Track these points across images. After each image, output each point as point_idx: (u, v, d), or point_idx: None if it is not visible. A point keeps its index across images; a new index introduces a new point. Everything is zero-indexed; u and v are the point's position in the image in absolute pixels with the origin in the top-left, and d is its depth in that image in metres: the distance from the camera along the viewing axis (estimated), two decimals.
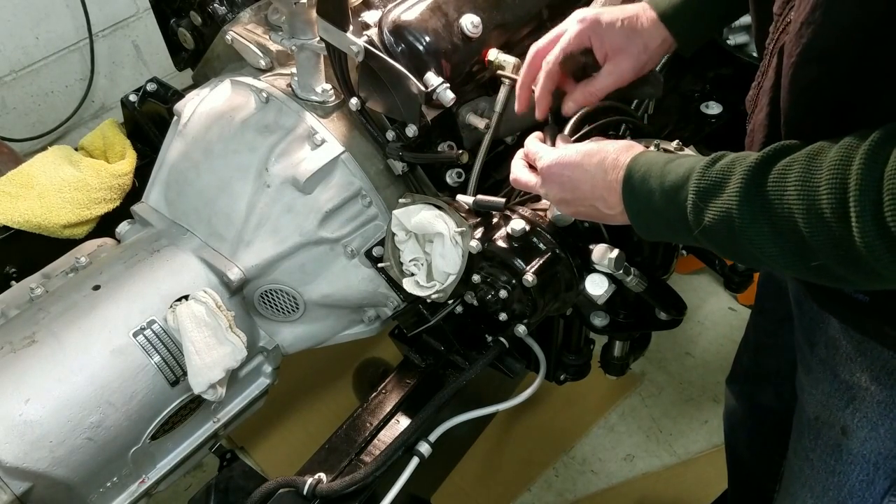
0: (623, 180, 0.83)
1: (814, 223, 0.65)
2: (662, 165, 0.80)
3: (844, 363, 0.96)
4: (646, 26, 1.00)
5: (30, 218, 1.45)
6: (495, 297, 1.10)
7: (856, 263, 0.65)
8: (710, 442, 2.12)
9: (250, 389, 1.34)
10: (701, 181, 0.75)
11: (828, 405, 1.01)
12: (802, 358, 1.07)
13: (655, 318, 1.18)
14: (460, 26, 1.18)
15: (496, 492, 2.07)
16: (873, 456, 0.98)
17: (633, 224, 0.85)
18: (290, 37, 1.23)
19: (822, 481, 1.06)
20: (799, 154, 0.69)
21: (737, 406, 1.53)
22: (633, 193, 0.82)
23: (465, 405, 1.26)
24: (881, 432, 0.95)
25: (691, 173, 0.76)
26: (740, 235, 0.71)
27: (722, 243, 0.75)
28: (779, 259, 0.70)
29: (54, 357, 1.12)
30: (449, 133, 1.21)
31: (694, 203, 0.75)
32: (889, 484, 0.99)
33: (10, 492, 1.04)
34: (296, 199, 1.24)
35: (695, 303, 2.46)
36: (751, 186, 0.70)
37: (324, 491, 1.10)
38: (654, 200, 0.80)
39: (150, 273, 1.22)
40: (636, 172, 0.82)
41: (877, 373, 0.92)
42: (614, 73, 1.01)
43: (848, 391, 0.97)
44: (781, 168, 0.69)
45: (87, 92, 2.44)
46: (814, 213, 0.65)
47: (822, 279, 0.71)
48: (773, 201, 0.68)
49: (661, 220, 0.80)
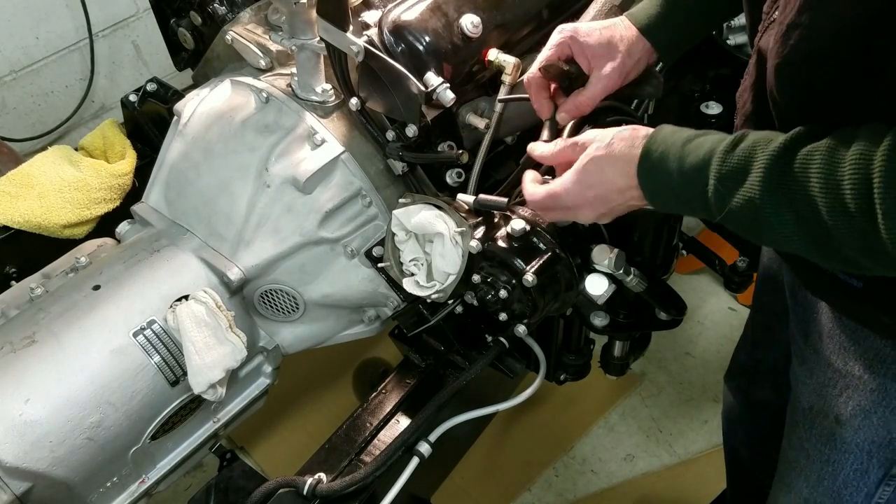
0: (640, 158, 0.82)
1: (838, 217, 0.66)
2: (681, 146, 0.79)
3: (838, 352, 0.97)
4: (626, 38, 1.02)
5: (30, 218, 1.45)
6: (495, 297, 1.10)
7: (880, 255, 0.66)
8: (710, 442, 2.12)
9: (250, 389, 1.34)
10: (723, 166, 0.75)
11: (822, 394, 1.02)
12: (797, 348, 1.08)
13: (655, 318, 1.18)
14: (460, 26, 1.18)
15: (496, 492, 2.07)
16: (867, 444, 0.99)
17: (648, 201, 0.85)
18: (290, 37, 1.23)
19: (817, 471, 1.07)
20: (820, 144, 0.69)
21: (734, 402, 1.54)
22: (650, 173, 0.82)
23: (465, 405, 1.27)
24: (874, 420, 0.96)
25: (712, 156, 0.76)
26: (763, 222, 0.73)
27: (744, 227, 0.76)
28: (802, 247, 0.72)
29: (54, 357, 1.12)
30: (449, 133, 1.21)
31: (715, 188, 0.75)
32: (883, 473, 0.99)
33: (10, 492, 1.04)
34: (296, 199, 1.24)
35: (695, 303, 2.46)
36: (773, 175, 0.71)
37: (324, 491, 1.11)
38: (673, 181, 0.79)
39: (150, 273, 1.22)
40: (654, 151, 0.81)
41: (869, 361, 0.93)
42: (601, 80, 1.02)
43: (841, 380, 0.98)
44: (803, 158, 0.69)
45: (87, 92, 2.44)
46: (838, 208, 0.66)
47: (846, 266, 0.73)
48: (797, 192, 0.69)
49: (680, 200, 0.81)
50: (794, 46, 0.72)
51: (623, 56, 1.01)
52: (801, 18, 0.71)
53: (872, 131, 0.66)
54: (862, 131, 0.67)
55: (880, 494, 1.02)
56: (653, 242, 1.14)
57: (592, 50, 1.01)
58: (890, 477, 1.00)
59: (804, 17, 0.71)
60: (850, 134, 0.67)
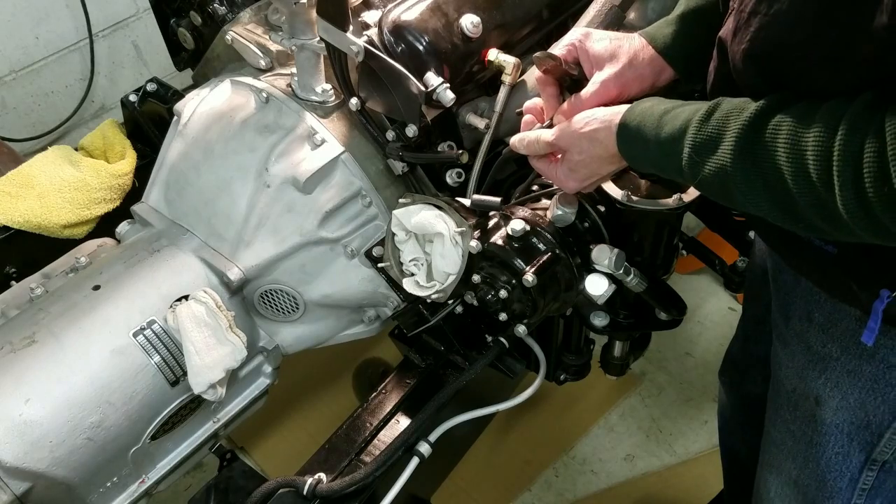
0: (618, 127, 0.87)
1: (801, 185, 0.70)
2: (658, 117, 0.83)
3: (816, 334, 0.99)
4: (633, 51, 1.00)
5: (30, 218, 1.45)
6: (495, 297, 1.10)
7: (837, 222, 0.70)
8: (710, 442, 2.12)
9: (250, 389, 1.34)
10: (697, 135, 0.78)
11: (802, 376, 1.04)
12: (779, 333, 1.09)
13: (655, 318, 1.18)
14: (460, 26, 1.18)
15: (496, 492, 2.07)
16: (846, 426, 1.00)
17: (629, 164, 0.92)
18: (290, 37, 1.23)
19: (803, 452, 1.08)
20: (789, 114, 0.72)
21: (728, 398, 1.55)
22: (627, 142, 0.87)
23: (465, 405, 1.27)
24: (851, 401, 0.98)
25: (688, 126, 0.79)
26: (734, 189, 0.76)
27: (717, 194, 0.80)
28: (769, 212, 0.76)
29: (54, 357, 1.12)
30: (449, 133, 1.21)
31: (689, 156, 0.79)
32: (865, 457, 1.00)
33: (10, 492, 1.04)
34: (296, 199, 1.24)
35: (695, 303, 2.46)
36: (745, 144, 0.74)
37: (324, 491, 1.11)
38: (650, 151, 0.84)
39: (150, 273, 1.22)
40: (631, 122, 0.86)
41: (846, 343, 0.95)
42: (595, 85, 1.00)
43: (820, 362, 0.99)
44: (773, 128, 0.73)
45: (87, 92, 2.44)
46: (802, 176, 0.70)
47: (808, 230, 0.78)
48: (765, 160, 0.73)
49: (656, 167, 0.86)
50: (754, 34, 0.75)
51: (623, 67, 0.99)
52: (761, 6, 0.74)
53: (836, 104, 0.69)
54: (827, 104, 0.70)
55: (864, 480, 1.03)
56: (653, 242, 1.14)
57: (596, 56, 1.00)
58: (872, 461, 1.00)
59: (763, 4, 0.74)
60: (816, 107, 0.71)
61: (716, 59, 0.87)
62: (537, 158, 1.02)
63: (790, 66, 0.74)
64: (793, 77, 0.74)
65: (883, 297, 0.85)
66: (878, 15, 0.63)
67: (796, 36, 0.72)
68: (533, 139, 1.00)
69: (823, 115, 0.69)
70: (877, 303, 0.85)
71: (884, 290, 0.85)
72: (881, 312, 0.86)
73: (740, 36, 0.78)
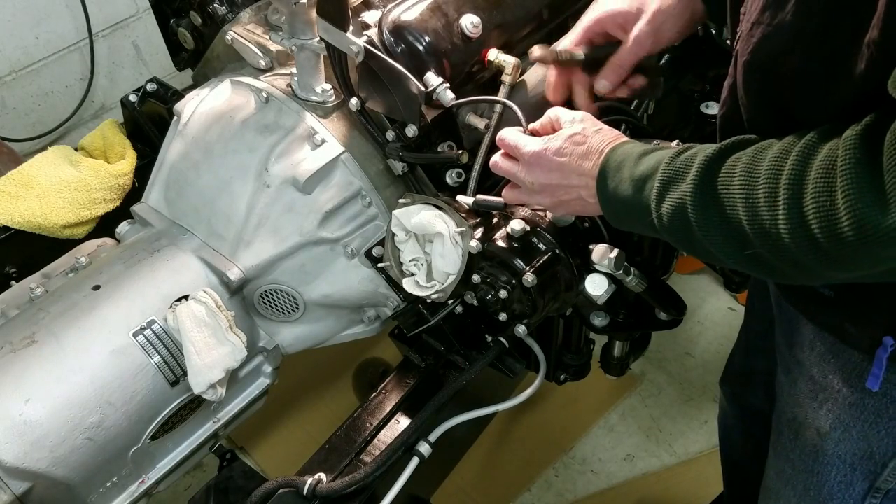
0: (600, 167, 0.86)
1: (751, 212, 0.69)
2: (637, 157, 0.82)
3: (818, 365, 0.97)
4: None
5: (30, 218, 1.45)
6: (495, 297, 1.10)
7: (783, 252, 0.68)
8: (710, 442, 2.12)
9: (250, 389, 1.34)
10: (665, 172, 0.77)
11: (804, 406, 1.02)
12: (782, 358, 1.08)
13: (655, 318, 1.18)
14: (460, 26, 1.18)
15: (496, 492, 2.07)
16: (849, 457, 0.98)
17: (603, 211, 0.88)
18: (290, 37, 1.23)
19: (803, 481, 1.06)
20: (750, 148, 0.72)
21: (729, 408, 1.54)
22: (605, 182, 0.85)
23: (465, 405, 1.27)
24: (854, 434, 0.96)
25: (660, 164, 0.79)
26: (693, 225, 0.75)
27: (677, 233, 0.78)
28: (722, 247, 0.74)
29: (54, 357, 1.12)
30: (449, 133, 1.21)
31: (658, 193, 0.78)
32: (868, 486, 0.99)
33: (10, 492, 1.04)
34: (296, 199, 1.24)
35: (695, 303, 2.46)
36: (705, 177, 0.73)
37: (324, 491, 1.11)
38: (623, 189, 0.82)
39: (150, 273, 1.22)
40: (613, 161, 0.85)
41: (847, 374, 0.93)
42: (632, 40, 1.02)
43: (822, 392, 0.98)
44: (732, 160, 0.72)
45: (87, 92, 2.44)
46: (751, 202, 0.69)
47: (755, 270, 0.75)
48: (722, 192, 0.72)
49: (627, 208, 0.83)
50: (757, 44, 0.75)
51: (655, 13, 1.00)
52: (763, 16, 0.73)
53: (799, 134, 0.69)
54: (789, 136, 0.69)
55: None
56: (652, 242, 1.14)
57: (622, 15, 1.01)
58: (875, 490, 0.99)
59: (766, 14, 0.73)
60: (776, 140, 0.70)
61: (732, 73, 0.86)
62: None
63: (788, 81, 0.73)
64: (790, 92, 0.74)
65: (887, 345, 0.83)
66: (871, 30, 0.63)
67: (796, 49, 0.71)
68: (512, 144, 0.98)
69: (780, 146, 0.69)
70: (880, 350, 0.84)
71: (887, 337, 0.83)
72: (885, 361, 0.84)
73: (742, 47, 0.77)
